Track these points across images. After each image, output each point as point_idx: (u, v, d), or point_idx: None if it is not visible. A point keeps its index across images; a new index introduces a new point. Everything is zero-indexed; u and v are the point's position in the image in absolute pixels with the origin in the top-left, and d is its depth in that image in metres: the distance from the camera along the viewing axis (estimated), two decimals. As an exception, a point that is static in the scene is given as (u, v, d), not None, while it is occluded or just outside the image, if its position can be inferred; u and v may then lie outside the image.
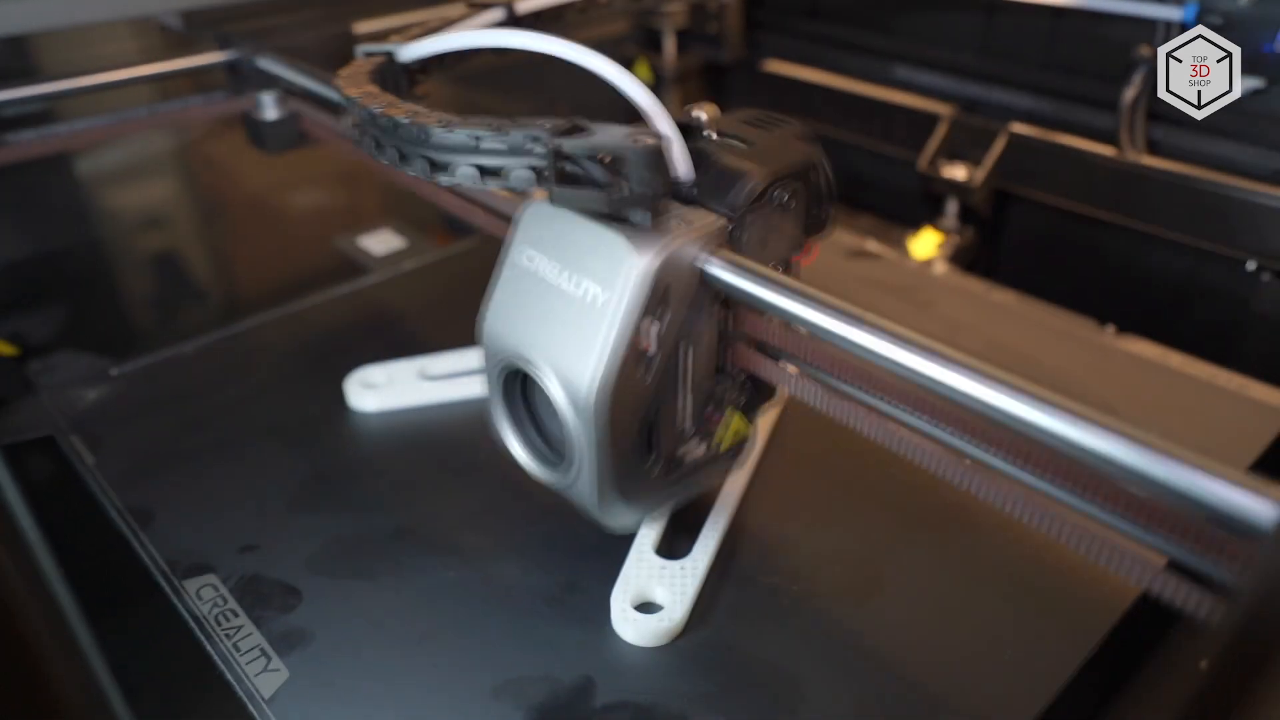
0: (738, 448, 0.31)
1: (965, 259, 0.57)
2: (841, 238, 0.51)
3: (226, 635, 0.28)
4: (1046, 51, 0.53)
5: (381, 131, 0.27)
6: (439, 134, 0.25)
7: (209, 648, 0.28)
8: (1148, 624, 0.29)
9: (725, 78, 0.70)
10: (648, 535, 0.31)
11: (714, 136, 0.28)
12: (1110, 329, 0.44)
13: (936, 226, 0.58)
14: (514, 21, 0.41)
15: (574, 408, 0.26)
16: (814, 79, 0.64)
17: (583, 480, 0.27)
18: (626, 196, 0.24)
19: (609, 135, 0.24)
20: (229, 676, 0.27)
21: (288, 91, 0.49)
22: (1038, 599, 0.29)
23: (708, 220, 0.26)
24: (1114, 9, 0.48)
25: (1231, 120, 0.45)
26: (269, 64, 0.48)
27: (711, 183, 0.27)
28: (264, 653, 0.28)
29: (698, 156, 0.27)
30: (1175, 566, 0.21)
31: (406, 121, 0.26)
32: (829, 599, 0.29)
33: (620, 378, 0.25)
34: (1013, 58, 0.55)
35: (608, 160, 0.24)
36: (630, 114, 0.27)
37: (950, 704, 0.26)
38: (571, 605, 0.29)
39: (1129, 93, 0.48)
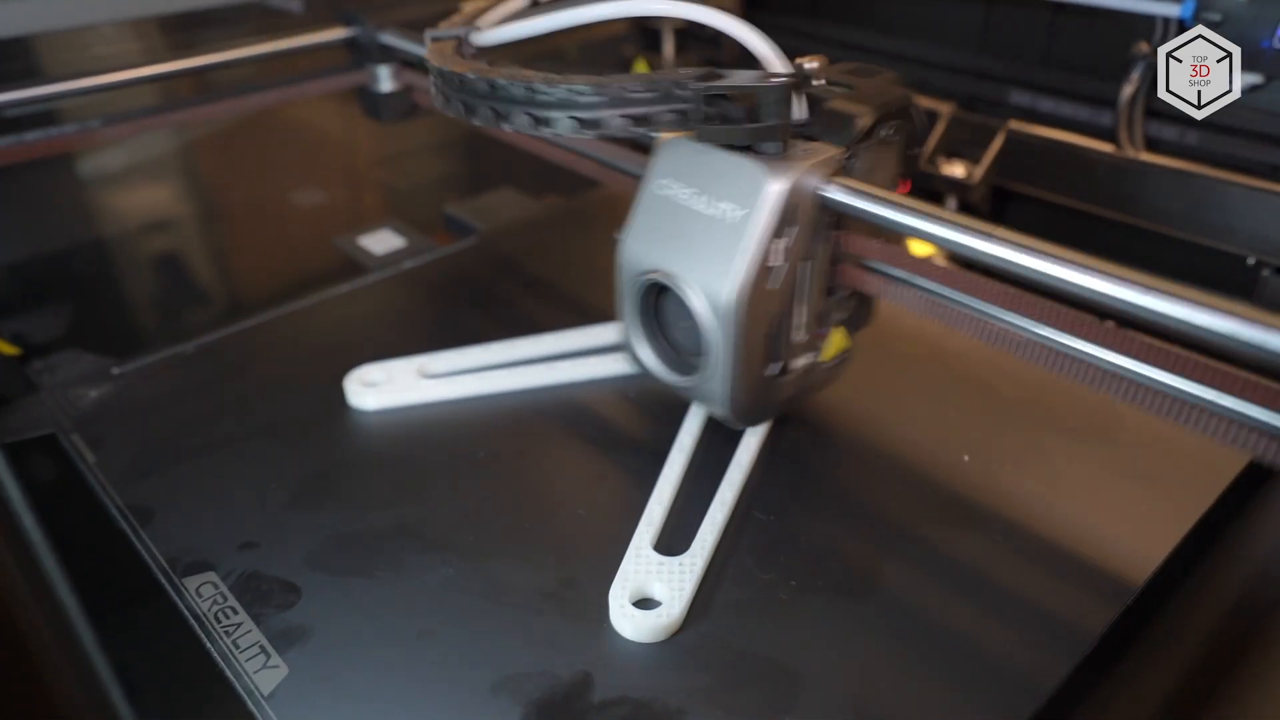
0: (839, 360, 0.35)
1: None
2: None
3: (226, 632, 0.28)
4: (1045, 49, 0.53)
5: (510, 99, 0.29)
6: (585, 93, 0.28)
7: (209, 645, 0.28)
8: (1142, 623, 0.29)
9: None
10: (645, 532, 0.31)
11: (823, 83, 0.32)
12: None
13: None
14: (536, 6, 0.42)
15: (713, 313, 0.30)
16: (813, 77, 0.64)
17: (715, 380, 0.31)
18: (761, 128, 0.28)
19: (743, 77, 0.28)
20: (229, 673, 0.27)
21: (403, 65, 0.53)
22: (1035, 597, 0.29)
23: (827, 151, 0.30)
24: (1112, 5, 0.48)
25: (1230, 116, 0.45)
26: (389, 38, 0.52)
27: (825, 121, 0.31)
28: (263, 649, 0.28)
29: (811, 100, 0.31)
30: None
31: (547, 87, 0.28)
32: (827, 595, 0.29)
33: (753, 288, 0.29)
34: (1011, 55, 0.55)
35: (742, 99, 0.28)
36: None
37: (947, 699, 0.26)
38: (570, 601, 0.29)
39: (1127, 90, 0.48)
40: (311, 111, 0.70)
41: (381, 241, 0.53)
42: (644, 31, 0.71)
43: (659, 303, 0.33)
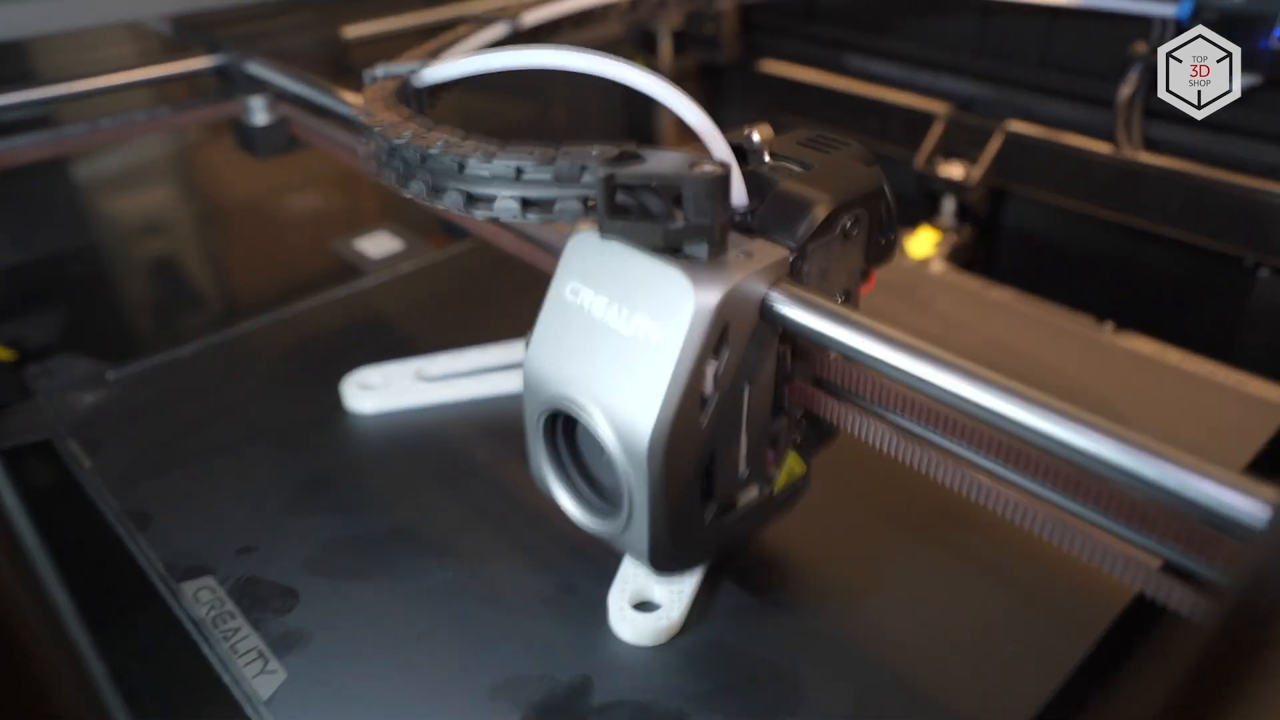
0: (791, 490, 0.29)
1: (963, 257, 0.57)
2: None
3: (224, 637, 0.28)
4: (1043, 49, 0.53)
5: (406, 164, 0.25)
6: (475, 165, 0.23)
7: (207, 650, 0.28)
8: (1142, 621, 0.29)
9: (722, 79, 0.71)
10: (645, 535, 0.31)
11: (769, 159, 0.26)
12: (1108, 326, 0.44)
13: (934, 225, 0.58)
14: (518, 37, 0.41)
15: (628, 453, 0.24)
16: (810, 79, 0.64)
17: (635, 528, 0.26)
18: (684, 229, 0.23)
19: (663, 162, 0.23)
20: (226, 678, 0.27)
21: (278, 96, 0.48)
22: (1034, 598, 0.29)
23: (770, 252, 0.24)
24: (1110, 6, 0.48)
25: (1228, 116, 0.45)
26: (258, 68, 0.47)
27: (771, 211, 0.25)
28: (261, 654, 0.28)
29: (754, 182, 0.25)
30: (1169, 568, 0.21)
31: (437, 152, 0.24)
32: (826, 598, 0.29)
33: (677, 421, 0.24)
34: (1009, 56, 0.55)
35: (663, 190, 0.22)
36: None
37: (947, 702, 0.26)
38: (569, 605, 0.29)
39: (1125, 90, 0.48)
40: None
41: (378, 244, 0.53)
42: (642, 33, 0.71)
43: (570, 431, 0.28)
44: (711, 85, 0.72)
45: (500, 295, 0.47)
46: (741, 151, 0.26)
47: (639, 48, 0.71)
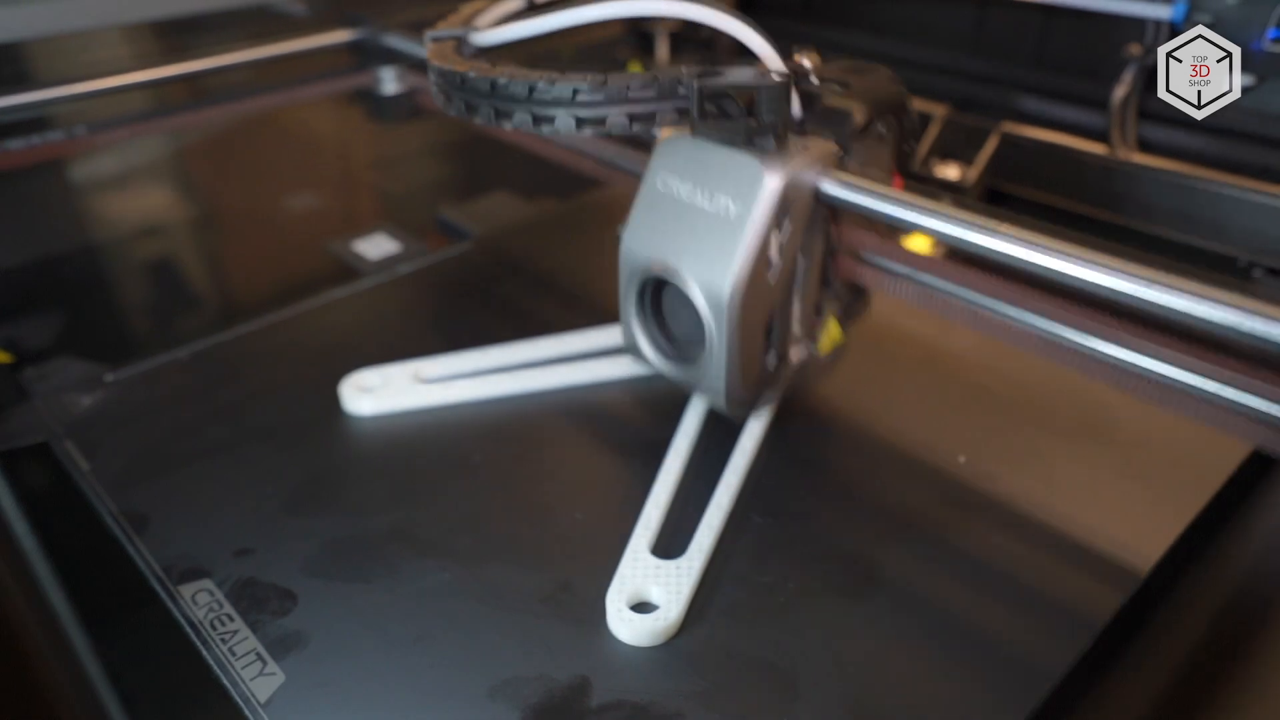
0: (835, 354, 0.36)
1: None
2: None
3: (222, 640, 0.28)
4: (1037, 51, 0.54)
5: (512, 98, 0.30)
6: (586, 91, 0.29)
7: (204, 652, 0.28)
8: (1140, 620, 0.30)
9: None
10: (643, 535, 0.31)
11: (817, 81, 0.32)
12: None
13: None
14: (534, 7, 0.42)
15: (711, 306, 0.30)
16: (807, 80, 0.64)
17: (713, 371, 0.32)
18: (758, 125, 0.29)
19: (739, 75, 0.29)
20: (225, 681, 0.27)
21: (409, 68, 0.54)
22: (1032, 596, 0.29)
23: (822, 147, 0.31)
24: (1104, 8, 0.48)
25: (1221, 117, 0.45)
26: (394, 41, 0.53)
27: (820, 118, 0.31)
28: (260, 656, 0.28)
29: (806, 97, 0.32)
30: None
31: (547, 85, 0.29)
32: (824, 597, 0.29)
33: (751, 281, 0.30)
34: (1004, 57, 0.55)
35: (740, 96, 0.29)
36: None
37: (946, 701, 0.26)
38: (567, 605, 0.29)
39: (1119, 91, 0.48)
40: (304, 116, 0.70)
41: (375, 246, 0.53)
42: (639, 35, 0.71)
43: (659, 296, 0.34)
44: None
45: (499, 296, 0.47)
46: (796, 74, 0.32)
47: (637, 50, 0.71)
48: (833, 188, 0.30)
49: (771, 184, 0.29)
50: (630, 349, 0.35)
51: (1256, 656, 0.29)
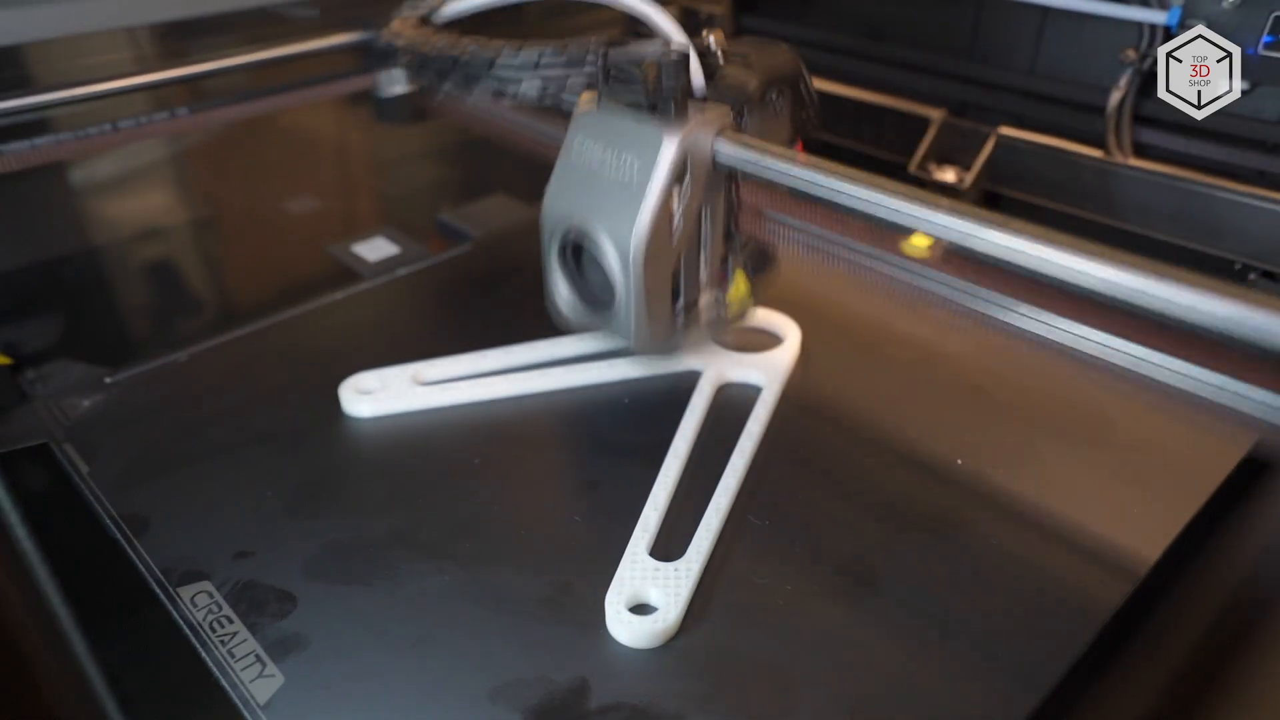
0: (742, 307, 0.39)
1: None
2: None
3: (221, 641, 0.28)
4: (1034, 55, 0.54)
5: (441, 66, 0.34)
6: (506, 57, 0.33)
7: (204, 654, 0.28)
8: (1139, 623, 0.30)
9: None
10: (641, 537, 0.31)
11: (719, 54, 0.35)
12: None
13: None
14: None
15: (620, 260, 0.33)
16: (804, 84, 0.64)
17: (625, 317, 0.35)
18: (659, 90, 0.32)
19: (645, 48, 0.33)
20: (224, 683, 0.27)
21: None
22: (1031, 597, 0.30)
23: (718, 111, 0.33)
24: (1099, 12, 0.48)
25: (1216, 122, 0.46)
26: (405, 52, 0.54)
27: (719, 88, 0.34)
28: (259, 658, 0.28)
29: (708, 69, 0.34)
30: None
31: (472, 51, 0.33)
32: (823, 599, 0.29)
33: (654, 235, 0.33)
34: (1001, 62, 0.55)
35: (647, 67, 0.32)
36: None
37: (945, 702, 0.26)
38: (566, 608, 0.29)
39: (1115, 96, 0.49)
40: (304, 119, 0.70)
41: (375, 249, 0.53)
42: (637, 37, 0.71)
43: (577, 252, 0.36)
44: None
45: (497, 299, 0.47)
46: (700, 49, 0.35)
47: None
48: (727, 149, 0.33)
49: (670, 146, 0.32)
50: (551, 304, 0.38)
51: (1255, 656, 0.29)
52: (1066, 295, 0.29)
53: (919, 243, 0.58)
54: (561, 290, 0.37)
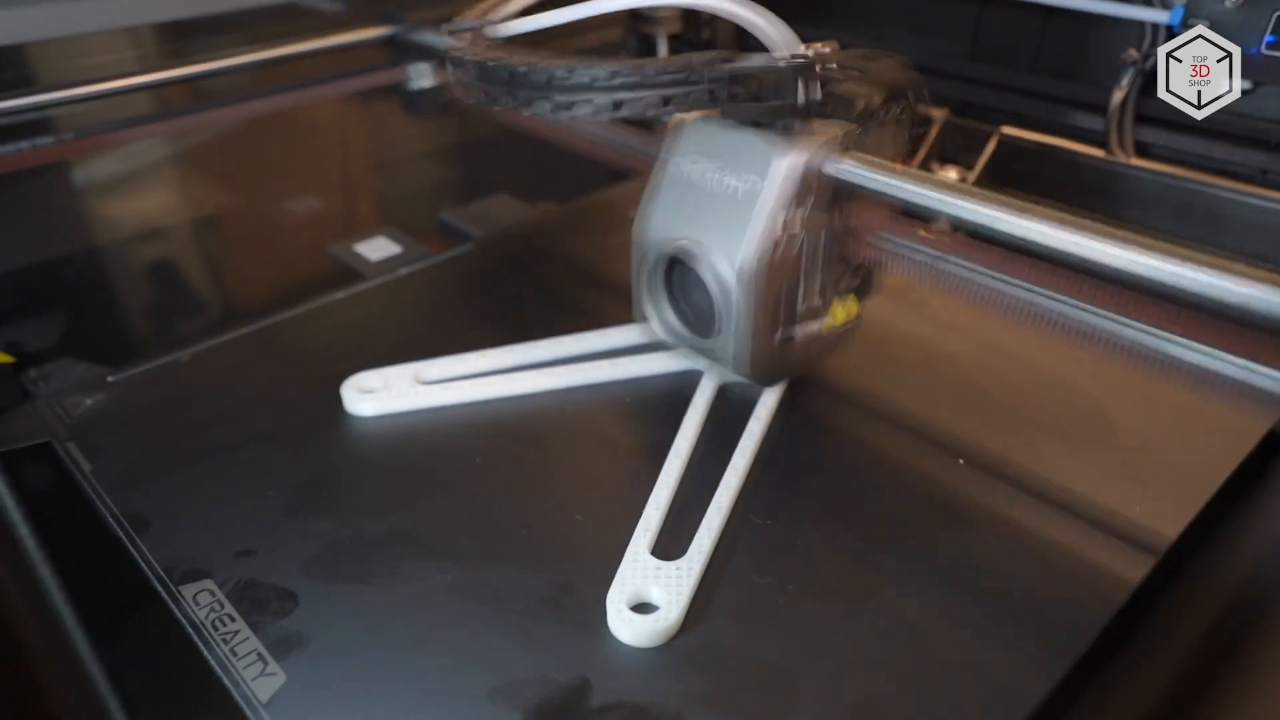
0: (849, 326, 0.37)
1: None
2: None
3: (223, 640, 0.28)
4: (1036, 55, 0.54)
5: (535, 86, 0.31)
6: (624, 76, 0.30)
7: (206, 653, 0.28)
8: (1139, 624, 0.30)
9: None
10: (643, 536, 0.31)
11: (835, 67, 0.34)
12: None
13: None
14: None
15: (729, 280, 0.32)
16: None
17: (730, 343, 0.34)
18: (776, 106, 0.31)
19: (760, 59, 0.31)
20: (226, 681, 0.27)
21: (440, 62, 0.56)
22: (1031, 597, 0.30)
23: (836, 128, 0.32)
24: (1101, 11, 0.48)
25: (1218, 122, 0.46)
26: (425, 37, 0.54)
27: (835, 102, 0.33)
28: (261, 657, 0.28)
29: (823, 81, 0.33)
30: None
31: (584, 70, 0.30)
32: (825, 599, 0.29)
33: (766, 256, 0.31)
34: (1003, 61, 0.55)
35: (763, 80, 0.31)
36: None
37: (946, 702, 0.26)
38: (567, 607, 0.29)
39: (1117, 95, 0.49)
40: (307, 118, 0.70)
41: (377, 248, 0.53)
42: (640, 38, 0.71)
43: (677, 270, 0.35)
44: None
45: (499, 298, 0.47)
46: (811, 60, 0.33)
47: (637, 53, 0.72)
48: (843, 168, 0.31)
49: (786, 162, 0.31)
50: (650, 323, 0.37)
51: (1256, 657, 0.29)
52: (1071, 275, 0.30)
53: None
54: (663, 311, 0.36)
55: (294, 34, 0.53)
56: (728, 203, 0.32)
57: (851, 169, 0.31)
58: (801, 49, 0.32)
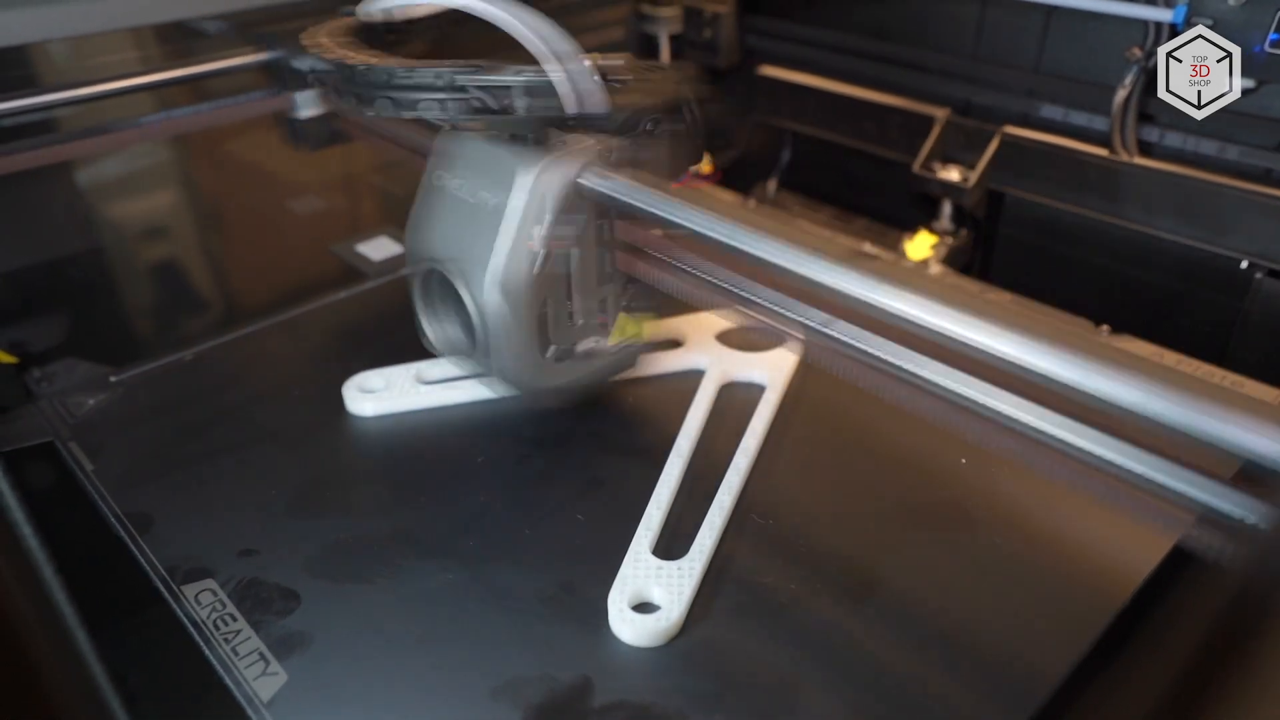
0: (625, 346, 0.35)
1: (960, 260, 0.57)
2: (837, 240, 0.51)
3: (225, 639, 0.28)
4: (1038, 54, 0.54)
5: (340, 79, 0.31)
6: (361, 75, 0.29)
7: (208, 652, 0.28)
8: (1140, 624, 0.30)
9: (720, 83, 0.71)
10: (644, 536, 0.31)
11: (598, 79, 0.31)
12: (1105, 329, 0.44)
13: (931, 228, 0.58)
14: None
15: (483, 298, 0.31)
16: (809, 83, 0.64)
17: (495, 361, 0.32)
18: (515, 120, 0.29)
19: (505, 73, 0.29)
20: (228, 680, 0.27)
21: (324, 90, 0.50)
22: (1034, 597, 0.30)
23: (585, 142, 0.31)
24: (1104, 10, 0.48)
25: (1222, 120, 0.45)
26: (307, 63, 0.49)
27: (594, 115, 0.31)
28: (263, 656, 0.28)
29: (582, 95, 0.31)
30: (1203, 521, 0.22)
31: (354, 67, 0.30)
32: (826, 598, 0.29)
33: (515, 273, 0.30)
34: (1005, 60, 0.55)
35: (502, 93, 0.29)
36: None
37: (946, 702, 0.26)
38: (569, 606, 0.29)
39: (1120, 94, 0.48)
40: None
41: (379, 248, 0.53)
42: (642, 38, 0.71)
43: (442, 285, 0.34)
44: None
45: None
46: (570, 72, 0.32)
47: (638, 53, 0.72)
48: (592, 182, 0.30)
49: (529, 178, 0.30)
50: (423, 337, 0.36)
51: (1256, 657, 0.29)
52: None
53: (924, 242, 0.58)
54: (429, 325, 0.35)
55: (179, 55, 0.50)
56: (481, 218, 0.31)
57: (600, 183, 0.30)
58: (580, 61, 0.30)
